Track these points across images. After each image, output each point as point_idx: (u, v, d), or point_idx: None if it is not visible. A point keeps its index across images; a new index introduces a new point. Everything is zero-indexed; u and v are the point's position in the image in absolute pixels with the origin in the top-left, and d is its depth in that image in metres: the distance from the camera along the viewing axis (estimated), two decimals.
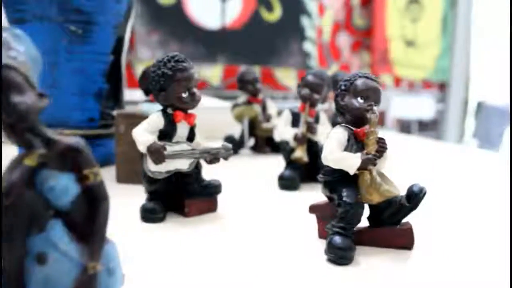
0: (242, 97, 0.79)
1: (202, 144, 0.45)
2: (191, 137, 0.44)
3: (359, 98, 0.38)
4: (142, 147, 0.41)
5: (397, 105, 2.53)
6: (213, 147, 0.44)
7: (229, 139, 0.76)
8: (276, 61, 2.03)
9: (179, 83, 0.41)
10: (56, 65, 0.61)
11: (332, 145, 0.37)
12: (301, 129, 0.57)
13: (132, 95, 0.90)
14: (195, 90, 0.42)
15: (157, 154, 0.41)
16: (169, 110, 0.42)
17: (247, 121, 0.76)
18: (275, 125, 0.76)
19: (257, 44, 1.98)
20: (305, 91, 0.57)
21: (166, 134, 0.42)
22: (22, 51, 0.22)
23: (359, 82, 0.38)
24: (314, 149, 0.57)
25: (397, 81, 2.58)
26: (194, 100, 0.42)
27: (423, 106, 2.67)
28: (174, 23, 1.78)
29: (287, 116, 0.59)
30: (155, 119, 0.42)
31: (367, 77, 0.39)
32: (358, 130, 0.38)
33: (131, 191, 0.53)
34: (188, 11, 1.80)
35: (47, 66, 0.61)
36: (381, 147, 0.37)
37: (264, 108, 0.79)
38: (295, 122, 0.58)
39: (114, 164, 0.60)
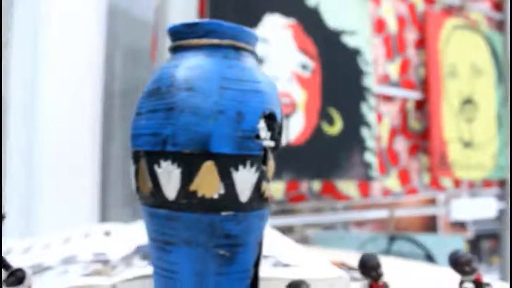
0: (364, 284, 0.75)
1: None
2: None
3: None
4: None
5: (458, 208, 2.45)
6: None
7: None
8: (338, 173, 2.02)
9: None
10: None
11: None
12: None
13: None
14: None
15: None
16: None
17: None
18: None
19: (319, 157, 1.97)
20: None
21: None
22: None
23: None
24: None
25: (457, 183, 2.52)
26: None
27: (484, 206, 2.59)
28: None
29: None
30: None
31: None
32: None
33: None
34: None
35: None
36: None
37: None
38: None
39: None
